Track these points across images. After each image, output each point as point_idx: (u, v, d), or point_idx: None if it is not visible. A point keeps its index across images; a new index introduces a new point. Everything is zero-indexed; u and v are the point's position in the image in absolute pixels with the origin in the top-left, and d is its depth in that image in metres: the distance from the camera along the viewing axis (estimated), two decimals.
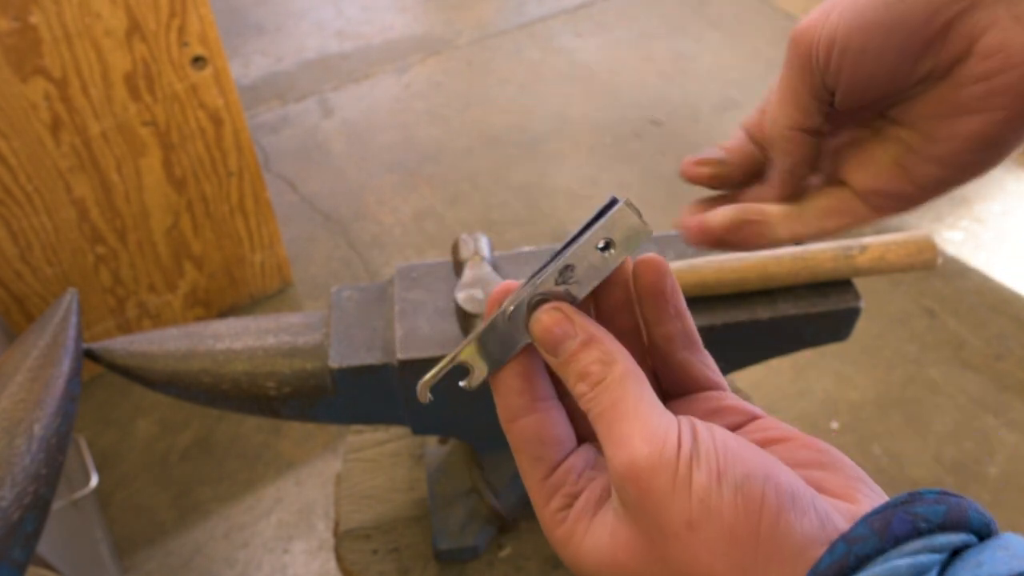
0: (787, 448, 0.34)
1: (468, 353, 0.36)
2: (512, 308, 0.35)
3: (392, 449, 0.91)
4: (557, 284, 0.35)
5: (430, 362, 0.64)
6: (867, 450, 1.53)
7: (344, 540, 0.83)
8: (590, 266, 0.35)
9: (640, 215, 0.35)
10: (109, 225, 1.45)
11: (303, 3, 2.71)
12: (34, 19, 1.16)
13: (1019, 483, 1.47)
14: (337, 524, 0.85)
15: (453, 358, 0.36)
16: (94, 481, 1.05)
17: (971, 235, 1.91)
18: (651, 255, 0.37)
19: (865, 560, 0.26)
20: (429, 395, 0.37)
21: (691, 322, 0.38)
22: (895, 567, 0.25)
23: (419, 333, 0.66)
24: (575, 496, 0.34)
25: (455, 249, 0.69)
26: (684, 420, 0.31)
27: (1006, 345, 1.68)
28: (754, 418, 0.36)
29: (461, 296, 0.64)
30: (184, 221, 1.55)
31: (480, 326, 0.36)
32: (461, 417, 0.72)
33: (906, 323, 1.73)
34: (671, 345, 0.38)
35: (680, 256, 0.70)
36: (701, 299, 0.67)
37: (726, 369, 0.53)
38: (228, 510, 1.48)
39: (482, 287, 0.64)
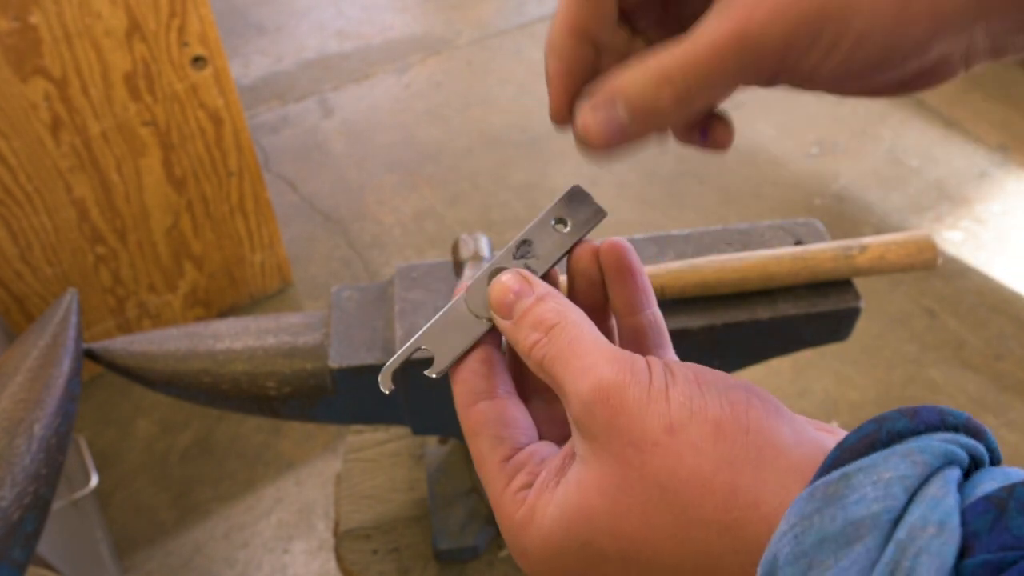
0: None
1: (429, 340, 0.36)
2: (472, 285, 0.35)
3: (392, 449, 0.91)
4: (515, 259, 0.36)
5: (430, 362, 0.64)
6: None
7: (344, 540, 0.84)
8: (548, 242, 0.36)
9: (591, 196, 0.37)
10: (109, 225, 1.45)
11: (303, 3, 2.71)
12: (34, 19, 1.16)
13: None
14: (337, 524, 0.85)
15: (413, 344, 0.36)
16: (94, 481, 1.05)
17: (971, 235, 1.91)
18: (613, 238, 0.37)
19: (897, 437, 0.24)
20: (391, 384, 0.37)
21: (660, 317, 0.37)
22: (930, 444, 0.23)
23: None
24: (537, 473, 0.32)
25: (455, 249, 0.69)
26: (652, 357, 0.30)
27: (1006, 345, 1.68)
28: None
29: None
30: (184, 221, 1.55)
31: (441, 311, 0.36)
32: None
33: (906, 323, 1.73)
34: (643, 340, 0.37)
35: (680, 256, 0.70)
36: (701, 299, 0.67)
37: (726, 369, 0.54)
38: (228, 510, 1.48)
39: None
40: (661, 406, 0.27)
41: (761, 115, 2.23)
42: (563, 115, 0.33)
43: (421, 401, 0.69)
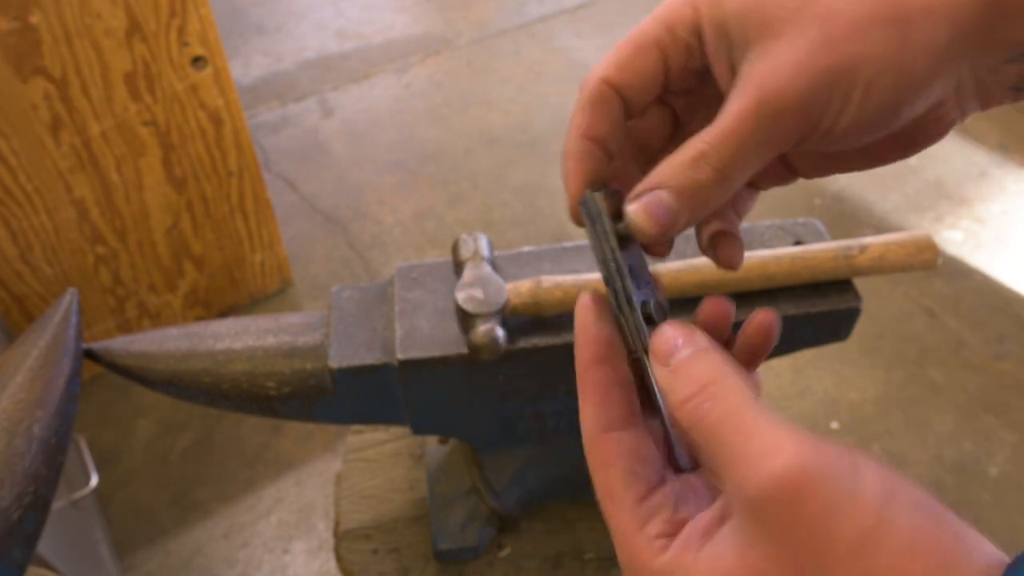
0: None
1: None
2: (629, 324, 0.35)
3: (392, 449, 0.91)
4: (641, 287, 0.35)
5: (430, 362, 0.64)
6: (867, 450, 1.53)
7: (344, 540, 0.83)
8: (633, 255, 0.35)
9: (601, 194, 0.35)
10: (109, 225, 1.45)
11: (303, 3, 2.71)
12: (34, 19, 1.16)
13: (1019, 483, 1.47)
14: (337, 524, 0.85)
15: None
16: (94, 481, 1.05)
17: (971, 235, 1.91)
18: (768, 312, 0.35)
19: None
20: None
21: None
22: None
23: (419, 333, 0.66)
24: (679, 524, 0.30)
25: (455, 249, 0.69)
26: (836, 445, 0.27)
27: (1006, 345, 1.68)
28: None
29: (461, 296, 0.64)
30: (184, 221, 1.55)
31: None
32: (461, 417, 0.72)
33: (906, 323, 1.73)
34: None
35: (680, 256, 0.70)
36: (701, 299, 0.67)
37: None
38: (228, 510, 1.48)
39: (482, 287, 0.64)
40: (849, 517, 0.25)
41: None
42: (577, 211, 0.36)
43: (421, 401, 0.69)
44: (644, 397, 0.35)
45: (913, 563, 0.24)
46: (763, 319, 0.35)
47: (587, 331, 0.34)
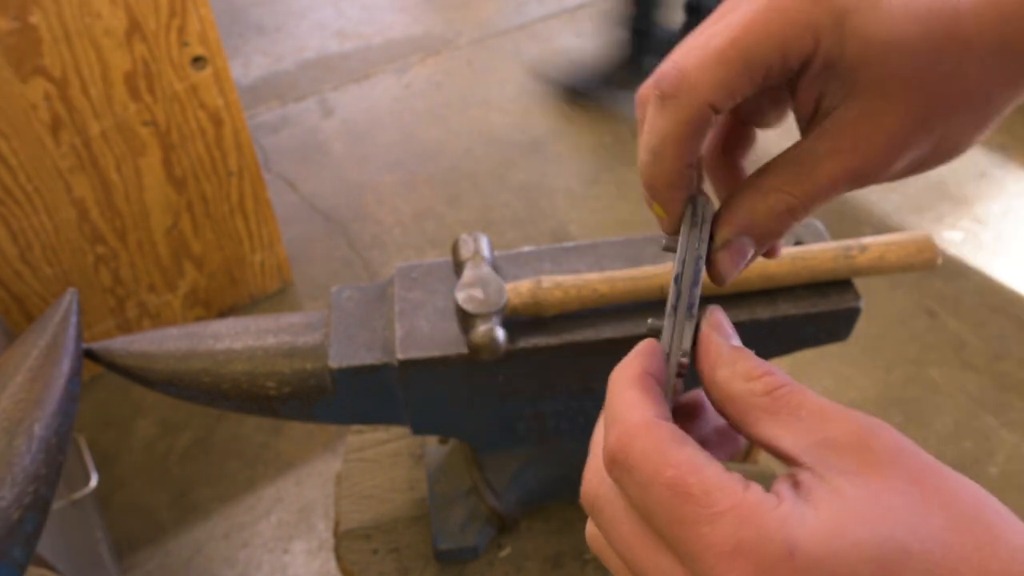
0: None
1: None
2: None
3: (392, 449, 0.91)
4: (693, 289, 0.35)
5: (430, 362, 0.64)
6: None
7: (344, 540, 0.83)
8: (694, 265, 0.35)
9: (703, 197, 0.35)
10: (109, 225, 1.45)
11: (303, 3, 2.71)
12: (34, 19, 1.16)
13: (1019, 483, 1.47)
14: (337, 524, 0.85)
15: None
16: (94, 481, 1.05)
17: (971, 235, 1.91)
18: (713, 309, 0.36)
19: None
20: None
21: None
22: None
23: (419, 333, 0.66)
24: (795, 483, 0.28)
25: (455, 249, 0.69)
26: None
27: (1006, 345, 1.68)
28: None
29: (461, 296, 0.64)
30: (184, 221, 1.55)
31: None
32: (461, 417, 0.72)
33: (906, 323, 1.73)
34: None
35: None
36: (701, 299, 0.67)
37: None
38: (228, 510, 1.48)
39: (482, 287, 0.64)
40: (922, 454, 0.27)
41: None
42: (677, 227, 0.36)
43: (421, 401, 0.69)
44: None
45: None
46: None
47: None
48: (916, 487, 0.25)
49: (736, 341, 0.33)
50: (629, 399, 0.30)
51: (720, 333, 0.33)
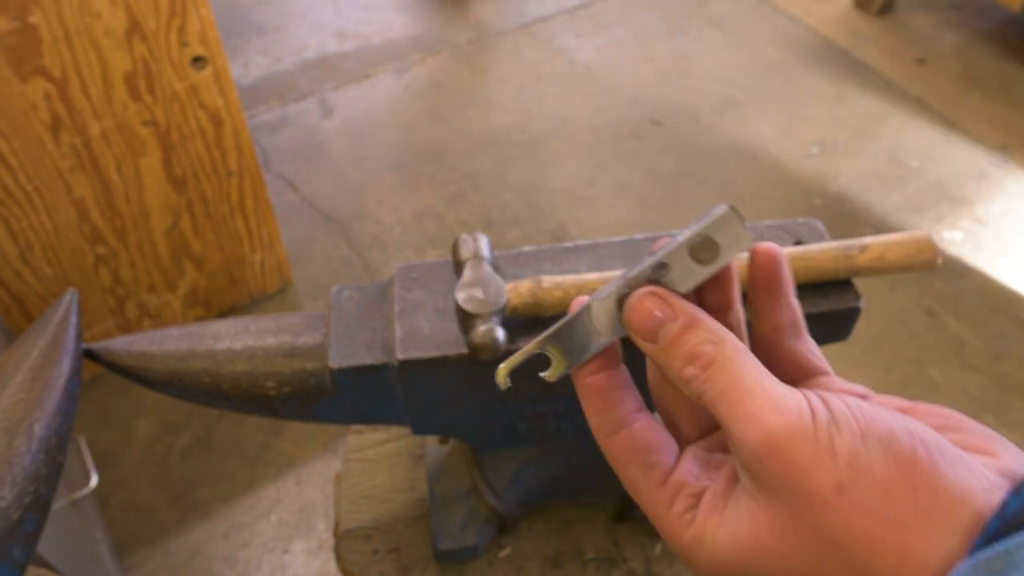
0: (912, 415, 0.33)
1: (549, 344, 0.35)
2: (597, 302, 0.34)
3: (392, 449, 0.91)
4: (650, 283, 0.34)
5: (430, 362, 0.64)
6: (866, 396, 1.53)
7: (344, 540, 0.83)
8: (685, 268, 0.34)
9: (742, 221, 0.33)
10: (109, 225, 1.45)
11: (303, 3, 2.71)
12: (34, 19, 1.16)
13: None
14: (337, 524, 0.85)
15: (531, 349, 0.36)
16: (94, 481, 1.05)
17: (971, 235, 1.91)
18: (767, 244, 0.36)
19: None
20: (508, 381, 0.36)
21: (799, 310, 0.38)
22: None
23: (419, 333, 0.66)
24: (699, 495, 0.33)
25: (455, 249, 0.69)
26: (810, 392, 0.30)
27: (1006, 345, 1.68)
28: (864, 397, 0.35)
29: (461, 296, 0.63)
30: (184, 221, 1.55)
31: (562, 320, 0.35)
32: (461, 417, 0.72)
33: (906, 323, 1.73)
34: (779, 335, 0.37)
35: None
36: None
37: None
38: (228, 510, 1.48)
39: (482, 287, 0.64)
40: (828, 465, 0.28)
41: (761, 115, 2.23)
42: None
43: (421, 401, 0.68)
44: None
45: (888, 504, 0.27)
46: (759, 253, 0.36)
47: None
48: (792, 519, 0.29)
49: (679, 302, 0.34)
50: (592, 421, 0.36)
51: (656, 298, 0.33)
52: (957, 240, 1.90)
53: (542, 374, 0.36)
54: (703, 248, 0.33)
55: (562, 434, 0.75)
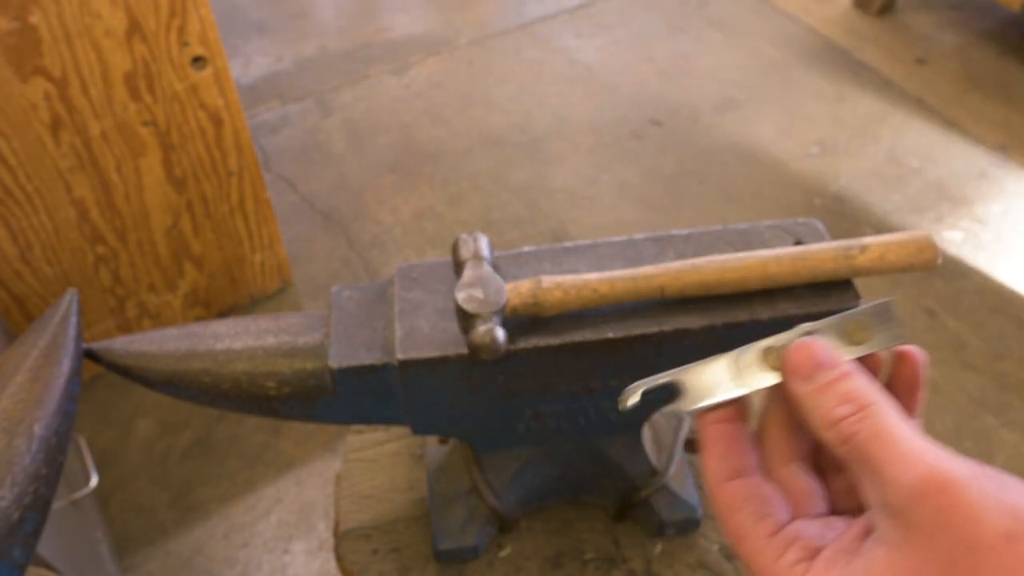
0: None
1: (688, 377, 0.37)
2: (741, 352, 0.36)
3: (392, 449, 0.91)
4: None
5: (430, 362, 0.64)
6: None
7: (344, 540, 0.83)
8: (833, 343, 0.35)
9: (898, 319, 0.35)
10: (109, 225, 1.45)
11: (303, 3, 2.71)
12: (34, 19, 1.16)
13: None
14: (337, 524, 0.85)
15: (666, 378, 0.37)
16: (94, 481, 1.05)
17: (971, 235, 1.91)
18: (916, 349, 0.37)
19: None
20: (634, 400, 0.37)
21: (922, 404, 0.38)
22: None
23: (419, 333, 0.66)
24: (814, 550, 0.32)
25: (455, 249, 0.69)
26: (970, 460, 0.31)
27: (1006, 345, 1.68)
28: None
29: (461, 296, 0.63)
30: (184, 221, 1.55)
31: (705, 360, 0.37)
32: (461, 417, 0.72)
33: (906, 323, 1.73)
34: None
35: (680, 256, 0.70)
36: (701, 299, 0.67)
37: None
38: (228, 510, 1.48)
39: (482, 287, 0.64)
40: (996, 511, 0.27)
41: (761, 115, 2.23)
42: None
43: (421, 401, 0.68)
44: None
45: None
46: (908, 356, 0.37)
47: None
48: (946, 566, 0.28)
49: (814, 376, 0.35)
50: (709, 465, 0.37)
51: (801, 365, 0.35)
52: (957, 240, 1.90)
53: (668, 408, 0.36)
54: (857, 329, 0.35)
55: (562, 434, 0.75)
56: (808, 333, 0.35)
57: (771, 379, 0.36)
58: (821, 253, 0.68)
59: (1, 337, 1.30)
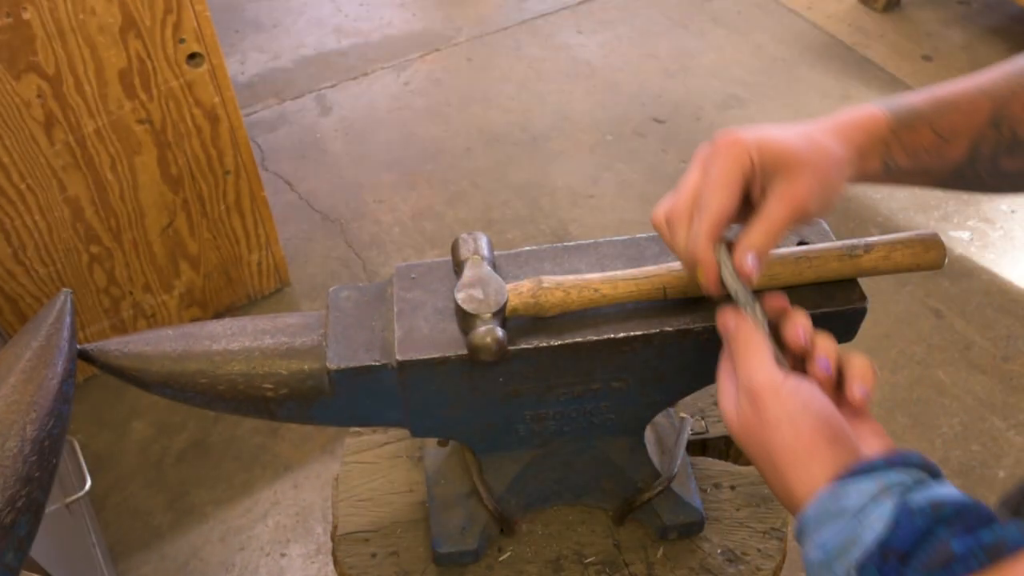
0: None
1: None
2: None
3: (391, 451, 0.90)
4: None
5: (430, 363, 0.64)
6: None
7: (342, 543, 0.83)
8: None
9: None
10: (104, 224, 1.44)
11: None
12: (27, 15, 1.15)
13: None
14: (335, 527, 0.84)
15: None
16: (88, 484, 1.04)
17: (978, 234, 1.90)
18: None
19: (871, 468, 0.48)
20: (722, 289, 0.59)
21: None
22: (888, 474, 0.48)
23: (418, 334, 0.65)
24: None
25: (455, 249, 0.68)
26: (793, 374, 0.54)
27: (1014, 346, 1.67)
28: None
29: (461, 296, 0.63)
30: (180, 220, 1.54)
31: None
32: (461, 419, 0.71)
33: (912, 324, 1.72)
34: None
35: None
36: (703, 299, 0.66)
37: None
38: (224, 513, 1.47)
39: (482, 287, 0.63)
40: (779, 402, 0.53)
41: (765, 113, 2.22)
42: (718, 286, 0.59)
43: (421, 403, 0.68)
44: None
45: (814, 434, 0.51)
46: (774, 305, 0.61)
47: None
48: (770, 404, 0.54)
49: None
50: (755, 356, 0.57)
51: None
52: (964, 239, 1.89)
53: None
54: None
55: (563, 436, 0.75)
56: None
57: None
58: (826, 253, 0.67)
59: None
